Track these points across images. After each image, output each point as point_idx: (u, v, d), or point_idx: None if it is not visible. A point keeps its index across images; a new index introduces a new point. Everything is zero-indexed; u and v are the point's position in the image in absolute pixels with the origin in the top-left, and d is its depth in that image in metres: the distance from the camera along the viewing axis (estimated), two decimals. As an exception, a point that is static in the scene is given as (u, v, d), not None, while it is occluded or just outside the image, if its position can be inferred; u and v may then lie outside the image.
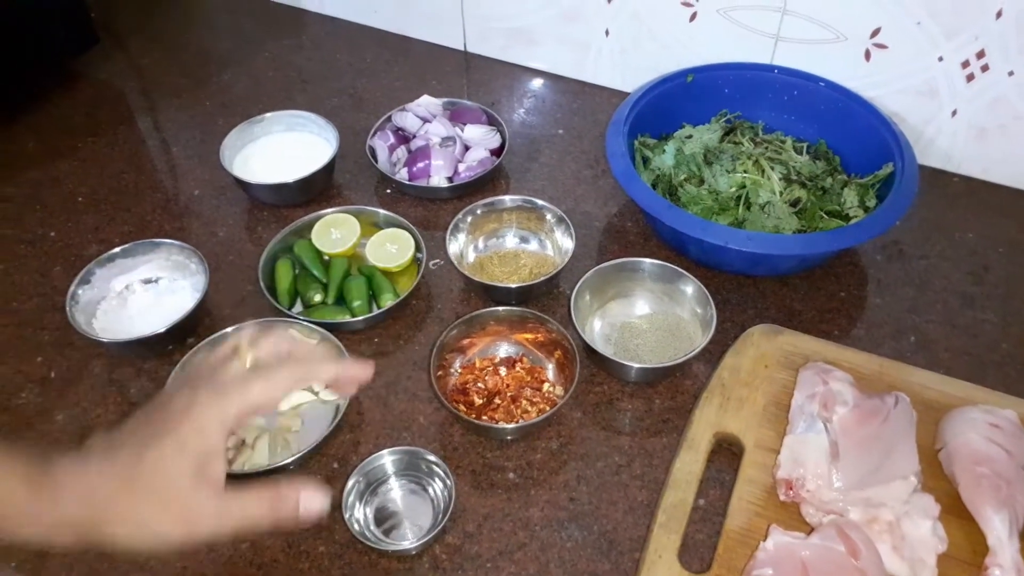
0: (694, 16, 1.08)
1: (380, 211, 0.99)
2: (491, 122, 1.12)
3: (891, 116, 0.99)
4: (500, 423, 0.80)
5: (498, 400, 0.82)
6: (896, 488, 0.71)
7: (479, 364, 0.86)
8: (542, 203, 0.97)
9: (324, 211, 0.98)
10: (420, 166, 1.04)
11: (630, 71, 1.18)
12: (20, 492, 0.53)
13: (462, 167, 1.06)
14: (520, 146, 1.13)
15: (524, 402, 0.82)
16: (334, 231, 0.97)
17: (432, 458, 0.76)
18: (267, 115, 1.10)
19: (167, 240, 0.94)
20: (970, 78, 0.98)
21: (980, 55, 0.96)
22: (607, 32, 1.16)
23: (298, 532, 0.74)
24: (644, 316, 0.90)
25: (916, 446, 0.74)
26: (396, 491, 0.78)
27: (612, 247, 1.00)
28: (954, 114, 1.02)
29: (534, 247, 0.99)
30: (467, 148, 1.09)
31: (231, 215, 1.05)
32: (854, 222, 0.92)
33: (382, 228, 0.98)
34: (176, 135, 1.17)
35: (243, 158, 1.07)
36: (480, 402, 0.82)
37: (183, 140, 1.16)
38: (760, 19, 1.05)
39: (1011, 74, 0.96)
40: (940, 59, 0.98)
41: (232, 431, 0.57)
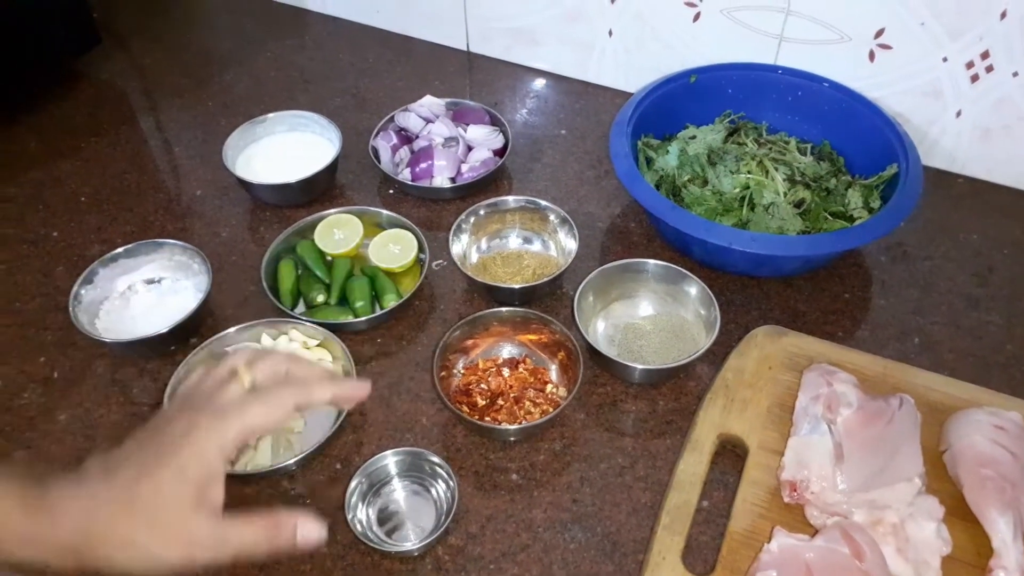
0: (698, 16, 1.08)
1: (383, 211, 0.99)
2: (494, 122, 1.11)
3: (895, 117, 0.99)
4: (503, 424, 0.79)
5: (501, 401, 0.82)
6: (900, 490, 0.71)
7: (482, 365, 0.85)
8: (545, 204, 0.97)
9: (327, 211, 0.98)
10: (423, 166, 1.04)
11: (633, 71, 1.18)
12: (17, 514, 0.53)
13: (465, 167, 1.06)
14: (523, 146, 1.13)
15: (527, 403, 0.81)
16: (337, 231, 0.97)
17: (435, 459, 0.76)
18: (270, 115, 1.10)
19: (170, 240, 0.94)
20: (974, 79, 0.98)
21: (984, 56, 0.95)
22: (610, 32, 1.15)
23: (301, 533, 0.74)
24: (648, 317, 0.90)
25: (920, 448, 0.74)
26: (399, 492, 0.77)
27: (615, 248, 0.99)
28: (958, 115, 1.01)
29: (537, 248, 0.99)
30: (470, 148, 1.09)
31: (234, 215, 1.05)
32: (858, 223, 0.91)
33: (385, 229, 0.98)
34: (178, 135, 1.17)
35: (246, 158, 1.07)
36: (483, 403, 0.82)
37: (185, 140, 1.16)
38: (764, 19, 1.04)
39: (1015, 75, 0.96)
40: (944, 60, 0.98)
41: (231, 455, 0.57)
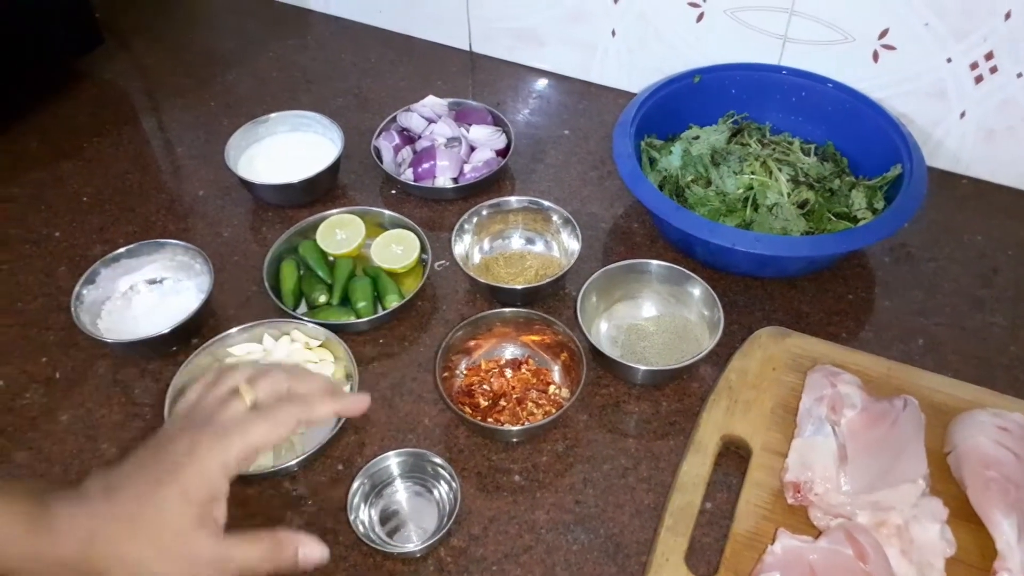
0: (701, 16, 1.08)
1: (385, 212, 0.98)
2: (497, 123, 1.11)
3: (899, 118, 0.99)
4: (506, 425, 0.79)
5: (504, 402, 0.82)
6: (904, 492, 0.70)
7: (485, 366, 0.85)
8: (548, 204, 0.97)
9: (329, 212, 0.98)
10: (425, 167, 1.04)
11: (636, 72, 1.18)
12: (19, 531, 0.53)
13: (467, 168, 1.06)
14: (525, 147, 1.13)
15: (530, 404, 0.81)
16: (339, 232, 0.97)
17: (437, 460, 0.76)
18: (272, 115, 1.09)
19: (172, 240, 0.94)
20: (979, 80, 0.97)
21: (989, 56, 0.95)
22: (613, 32, 1.15)
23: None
24: (651, 318, 0.90)
25: (924, 450, 0.73)
26: (401, 493, 0.77)
27: (618, 249, 0.99)
28: (963, 116, 1.01)
29: (540, 248, 0.98)
30: (472, 149, 1.09)
31: (236, 215, 1.05)
32: (862, 224, 0.91)
33: (387, 229, 0.98)
34: (180, 135, 1.17)
35: (248, 158, 1.07)
36: (486, 404, 0.82)
37: (187, 140, 1.16)
38: (767, 20, 1.04)
39: (1020, 76, 0.95)
40: (949, 60, 0.97)
41: (234, 474, 0.58)
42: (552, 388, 0.83)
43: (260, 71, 1.28)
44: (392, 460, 0.77)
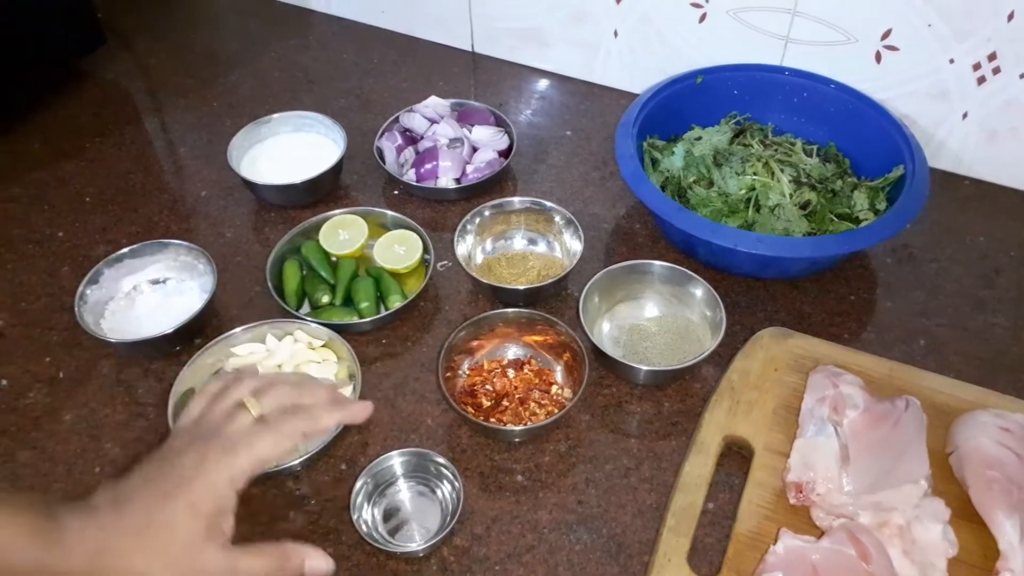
0: (703, 17, 1.08)
1: (388, 212, 0.99)
2: (499, 123, 1.11)
3: (902, 118, 0.99)
4: (508, 425, 0.79)
5: (506, 402, 0.82)
6: (907, 492, 0.71)
7: (487, 366, 0.85)
8: (551, 205, 0.97)
9: (332, 212, 0.98)
10: (428, 167, 1.04)
11: (639, 72, 1.18)
12: (29, 544, 0.54)
13: (470, 168, 1.06)
14: (528, 147, 1.13)
15: (532, 404, 0.81)
16: (342, 232, 0.97)
17: (440, 460, 0.76)
18: (274, 116, 1.10)
19: (175, 241, 0.94)
20: (981, 80, 0.97)
21: (992, 57, 0.95)
22: (616, 33, 1.15)
23: (306, 534, 0.74)
24: (653, 319, 0.90)
25: (927, 450, 0.73)
26: (404, 493, 0.77)
27: (620, 249, 0.99)
28: (965, 117, 1.01)
29: (542, 249, 0.98)
30: (475, 149, 1.09)
31: (238, 216, 1.05)
32: (864, 225, 0.91)
33: (390, 229, 0.98)
34: (183, 136, 1.17)
35: (250, 159, 1.07)
36: (488, 404, 0.82)
37: (190, 141, 1.16)
38: (770, 20, 1.04)
39: (1022, 76, 0.95)
40: (951, 61, 0.97)
41: (242, 487, 0.59)
42: (554, 388, 0.83)
43: (262, 71, 1.28)
44: (395, 460, 0.77)
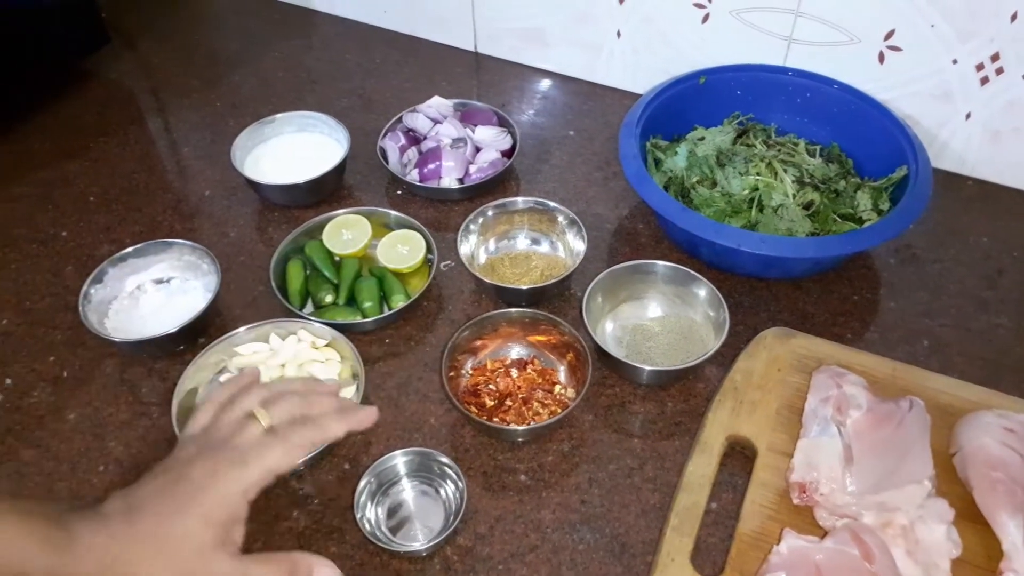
0: (706, 18, 1.08)
1: (391, 212, 0.99)
2: (502, 123, 1.11)
3: (905, 119, 0.99)
4: (511, 425, 0.79)
5: (509, 402, 0.82)
6: (910, 492, 0.70)
7: (490, 366, 0.85)
8: (554, 205, 0.97)
9: (335, 212, 0.98)
10: (431, 167, 1.04)
11: (641, 73, 1.18)
12: (40, 552, 0.55)
13: (473, 168, 1.06)
14: (530, 147, 1.13)
15: (535, 404, 0.81)
16: (345, 232, 0.97)
17: (444, 459, 0.76)
18: (278, 116, 1.10)
19: (179, 240, 0.94)
20: (984, 81, 0.97)
21: (995, 58, 0.95)
22: (619, 33, 1.15)
23: (310, 533, 0.74)
24: (656, 319, 0.90)
25: (930, 450, 0.73)
26: (408, 492, 0.77)
27: (623, 249, 0.99)
28: (968, 117, 1.01)
29: (545, 249, 0.98)
30: (478, 149, 1.09)
31: (242, 216, 1.05)
32: (867, 225, 0.91)
33: (393, 229, 0.98)
34: (186, 136, 1.17)
35: (254, 159, 1.07)
36: (491, 404, 0.82)
37: (194, 141, 1.16)
38: (773, 21, 1.04)
39: (1026, 77, 0.95)
40: (954, 62, 0.97)
41: (254, 497, 0.60)
42: (558, 388, 0.83)
43: (265, 71, 1.28)
44: (399, 459, 0.77)
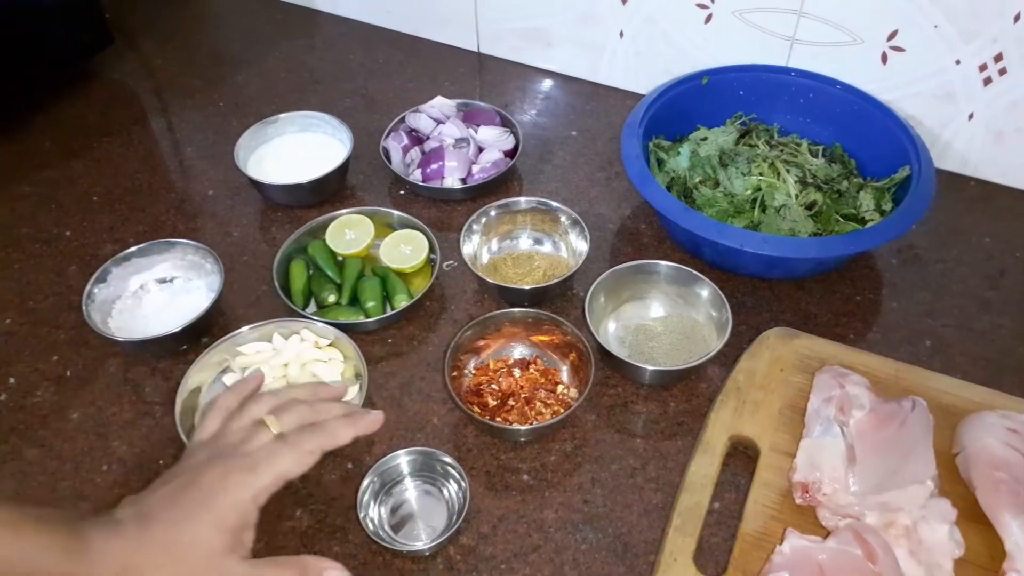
0: (709, 18, 1.08)
1: (394, 212, 0.99)
2: (504, 123, 1.11)
3: (907, 119, 0.99)
4: (514, 425, 0.79)
5: (512, 402, 0.82)
6: (913, 492, 0.70)
7: (493, 365, 0.85)
8: (557, 205, 0.97)
9: (338, 212, 0.98)
10: (434, 167, 1.04)
11: (644, 73, 1.18)
12: (56, 559, 0.56)
13: (476, 168, 1.06)
14: (533, 148, 1.13)
15: (538, 404, 0.81)
16: (348, 232, 0.97)
17: (447, 459, 0.76)
18: (281, 116, 1.10)
19: (183, 240, 0.94)
20: (987, 81, 0.97)
21: (998, 58, 0.95)
22: (621, 34, 1.15)
23: (313, 532, 0.74)
24: (659, 319, 0.90)
25: (933, 451, 0.73)
26: (411, 491, 0.78)
27: (626, 249, 0.99)
28: (971, 117, 1.01)
29: (548, 249, 0.99)
30: (480, 149, 1.09)
31: (245, 215, 1.05)
32: (870, 225, 0.91)
33: (396, 229, 0.98)
34: (190, 135, 1.18)
35: (257, 159, 1.08)
36: (494, 403, 0.82)
37: (197, 140, 1.17)
38: (776, 21, 1.04)
39: (1029, 77, 0.95)
40: (957, 62, 0.97)
41: (264, 503, 0.62)
42: (560, 388, 0.83)
43: (268, 71, 1.29)
44: (402, 459, 0.77)
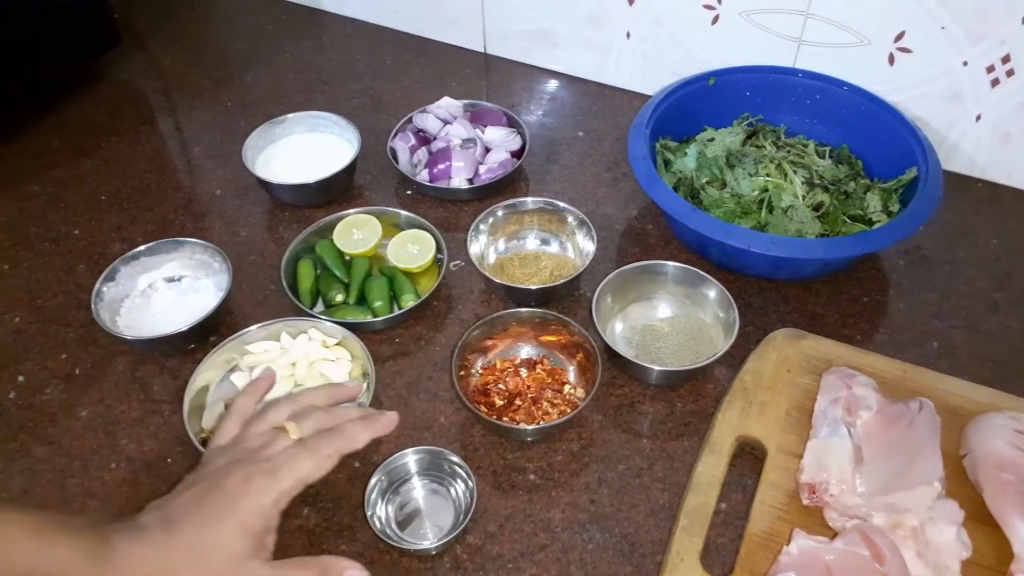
0: (716, 19, 1.08)
1: (401, 212, 0.99)
2: (511, 124, 1.12)
3: (915, 120, 0.99)
4: (521, 424, 0.80)
5: (519, 401, 0.82)
6: (920, 494, 0.70)
7: (500, 365, 0.86)
8: (564, 205, 0.97)
9: (346, 212, 0.99)
10: (441, 167, 1.05)
11: (651, 74, 1.18)
12: (83, 565, 0.56)
13: (483, 169, 1.06)
14: (540, 148, 1.13)
15: (545, 404, 0.82)
16: (356, 232, 0.98)
17: (454, 458, 0.76)
18: (289, 116, 1.10)
19: (191, 239, 0.94)
20: (995, 83, 0.97)
21: (1005, 60, 0.95)
22: (628, 35, 1.16)
23: (320, 531, 0.75)
24: (666, 319, 0.90)
25: (940, 452, 0.73)
26: (418, 490, 0.78)
27: (632, 250, 0.99)
28: (978, 119, 1.01)
29: (555, 249, 0.99)
30: (487, 150, 1.09)
31: (253, 215, 1.05)
32: (877, 227, 0.91)
33: (403, 229, 0.98)
34: (198, 135, 1.18)
35: (265, 158, 1.08)
36: (501, 403, 0.82)
37: (204, 140, 1.17)
38: (783, 22, 1.04)
39: (1036, 79, 0.95)
40: (965, 64, 0.97)
41: (285, 507, 0.63)
42: (567, 388, 0.83)
43: (276, 72, 1.29)
44: (410, 457, 0.77)
